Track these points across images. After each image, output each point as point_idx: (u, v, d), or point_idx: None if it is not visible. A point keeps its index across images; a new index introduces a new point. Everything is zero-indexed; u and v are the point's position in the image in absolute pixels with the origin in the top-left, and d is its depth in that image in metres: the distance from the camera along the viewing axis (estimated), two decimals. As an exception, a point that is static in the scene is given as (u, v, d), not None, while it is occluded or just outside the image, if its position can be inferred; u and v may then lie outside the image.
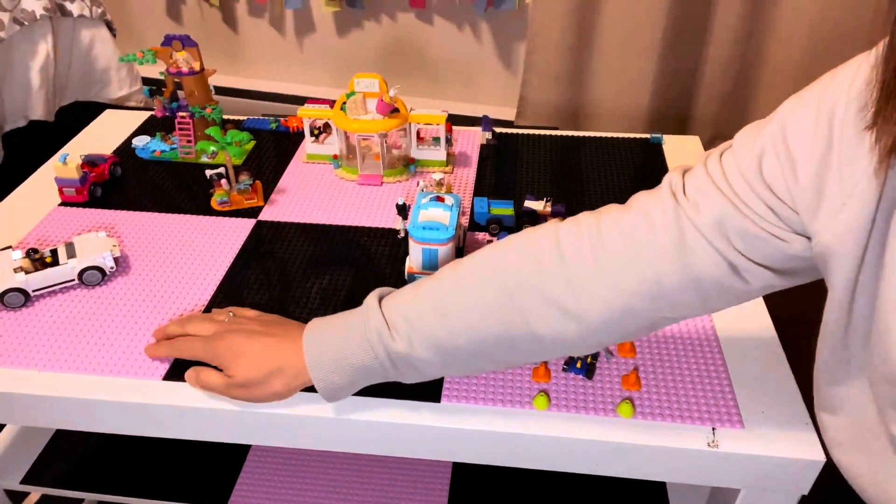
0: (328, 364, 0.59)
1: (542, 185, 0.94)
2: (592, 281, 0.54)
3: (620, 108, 1.66)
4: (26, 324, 0.71)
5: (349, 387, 0.60)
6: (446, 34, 1.76)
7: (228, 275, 0.78)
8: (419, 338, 0.57)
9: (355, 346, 0.58)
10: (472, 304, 0.57)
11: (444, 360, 0.58)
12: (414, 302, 0.59)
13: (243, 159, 1.00)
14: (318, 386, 0.60)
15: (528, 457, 0.63)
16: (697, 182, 0.53)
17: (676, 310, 0.55)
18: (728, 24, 1.52)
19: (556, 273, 0.55)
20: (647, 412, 0.62)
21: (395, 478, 0.84)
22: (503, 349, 0.57)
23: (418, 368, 0.59)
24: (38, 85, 1.37)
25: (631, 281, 0.53)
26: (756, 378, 0.65)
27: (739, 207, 0.50)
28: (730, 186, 0.51)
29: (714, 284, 0.52)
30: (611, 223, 0.55)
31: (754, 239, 0.50)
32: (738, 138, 0.53)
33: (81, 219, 0.87)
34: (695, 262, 0.51)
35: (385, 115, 0.91)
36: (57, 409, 0.66)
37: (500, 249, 0.59)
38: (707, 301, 0.54)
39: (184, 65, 0.96)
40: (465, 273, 0.59)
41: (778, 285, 0.53)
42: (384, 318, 0.58)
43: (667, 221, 0.53)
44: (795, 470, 0.59)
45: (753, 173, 0.50)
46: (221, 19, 1.88)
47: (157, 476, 0.86)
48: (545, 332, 0.55)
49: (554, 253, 0.55)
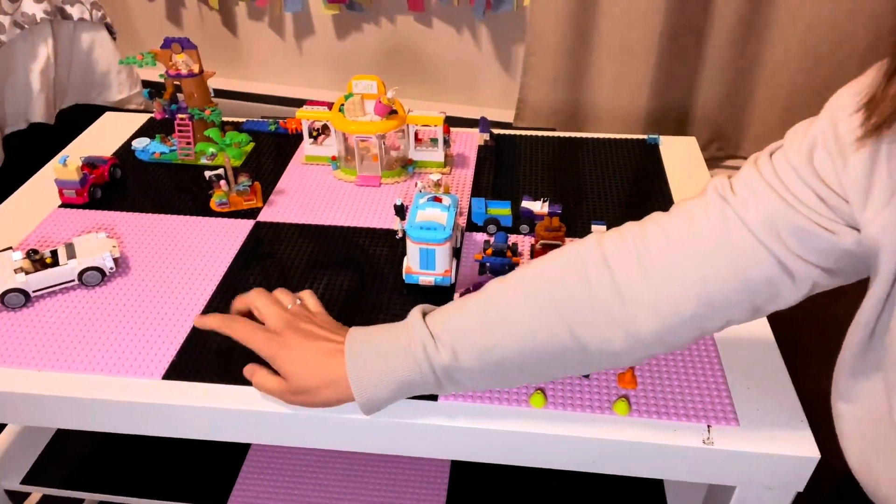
0: (371, 379, 0.58)
1: (539, 186, 0.95)
2: (640, 289, 0.53)
3: (618, 109, 1.67)
4: (27, 324, 0.71)
5: (390, 400, 0.59)
6: (445, 37, 1.77)
7: (227, 275, 0.78)
8: (464, 351, 0.56)
9: (399, 360, 0.57)
10: (518, 317, 0.56)
11: (488, 374, 0.57)
12: (459, 316, 0.58)
13: (242, 161, 1.01)
14: (360, 402, 0.58)
15: (525, 455, 0.64)
16: (747, 180, 0.52)
17: (724, 314, 0.53)
18: (725, 26, 1.53)
19: (602, 283, 0.54)
20: (642, 410, 0.62)
21: (393, 476, 0.84)
22: (549, 362, 0.56)
23: (460, 382, 0.58)
24: (38, 88, 1.38)
25: (678, 286, 0.52)
26: (751, 375, 0.66)
27: (790, 202, 0.49)
28: (780, 181, 0.50)
29: (762, 284, 0.51)
30: (655, 229, 0.54)
31: (805, 234, 0.49)
32: (789, 135, 0.52)
33: (81, 220, 0.88)
34: (742, 261, 0.51)
35: (383, 117, 0.92)
36: (57, 409, 0.66)
37: (546, 263, 0.58)
38: (755, 303, 0.53)
39: (183, 67, 0.97)
40: (510, 287, 0.58)
41: (824, 285, 0.52)
42: (429, 331, 0.57)
43: (711, 220, 0.52)
44: (791, 467, 0.59)
45: (804, 165, 0.49)
46: (221, 22, 1.89)
47: (158, 476, 0.86)
48: (592, 344, 0.54)
49: (600, 263, 0.54)
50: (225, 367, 0.67)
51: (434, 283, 0.75)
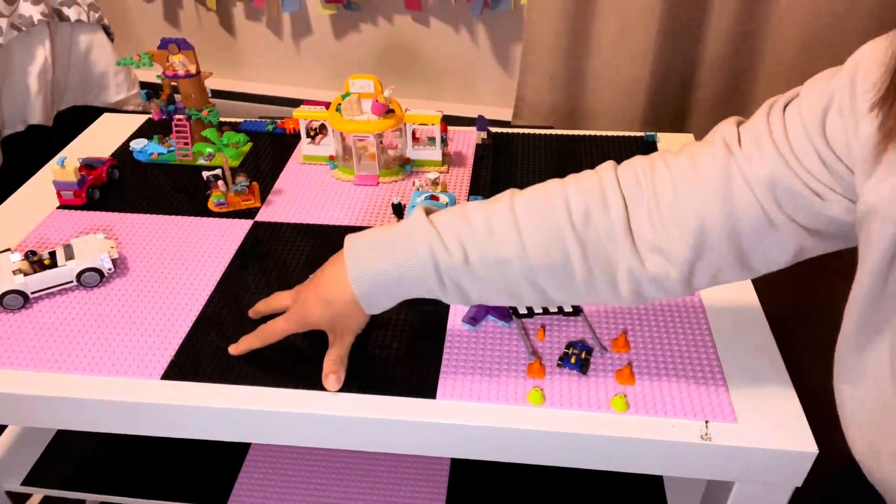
0: (373, 277, 0.58)
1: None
2: (646, 229, 0.55)
3: (616, 107, 1.66)
4: (25, 325, 0.72)
5: (388, 296, 0.60)
6: (443, 36, 1.77)
7: (226, 276, 0.79)
8: (474, 257, 0.57)
9: (403, 258, 0.58)
10: (534, 232, 0.57)
11: (494, 284, 0.58)
12: (471, 223, 0.58)
13: (240, 161, 1.01)
14: (360, 295, 0.59)
15: (524, 452, 0.64)
16: (755, 135, 0.53)
17: (716, 260, 0.55)
18: (722, 22, 1.53)
19: (619, 218, 0.56)
20: (640, 406, 0.62)
21: (393, 474, 0.84)
22: (555, 276, 0.57)
23: (463, 289, 0.58)
24: (36, 90, 1.37)
25: (680, 228, 0.54)
26: (749, 371, 0.66)
27: (792, 165, 0.50)
28: (787, 143, 0.51)
29: (750, 234, 0.53)
30: (665, 175, 0.56)
31: (797, 196, 0.50)
32: (806, 88, 0.52)
33: (79, 221, 0.88)
34: (736, 211, 0.52)
35: (380, 116, 0.92)
36: (56, 410, 0.66)
37: (565, 184, 0.59)
38: (742, 255, 0.54)
39: (180, 68, 0.97)
40: (529, 201, 0.58)
41: (810, 247, 0.54)
42: (437, 232, 0.57)
43: (716, 168, 0.53)
44: (789, 462, 0.60)
45: (816, 125, 0.49)
46: (219, 23, 1.89)
47: (158, 476, 0.86)
48: (599, 270, 0.56)
49: (618, 199, 0.56)
50: (224, 366, 0.67)
51: (432, 282, 0.75)
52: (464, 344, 0.69)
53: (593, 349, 0.68)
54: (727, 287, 0.74)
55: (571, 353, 0.67)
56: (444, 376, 0.66)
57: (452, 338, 0.70)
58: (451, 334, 0.70)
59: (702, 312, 0.72)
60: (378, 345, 0.69)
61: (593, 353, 0.68)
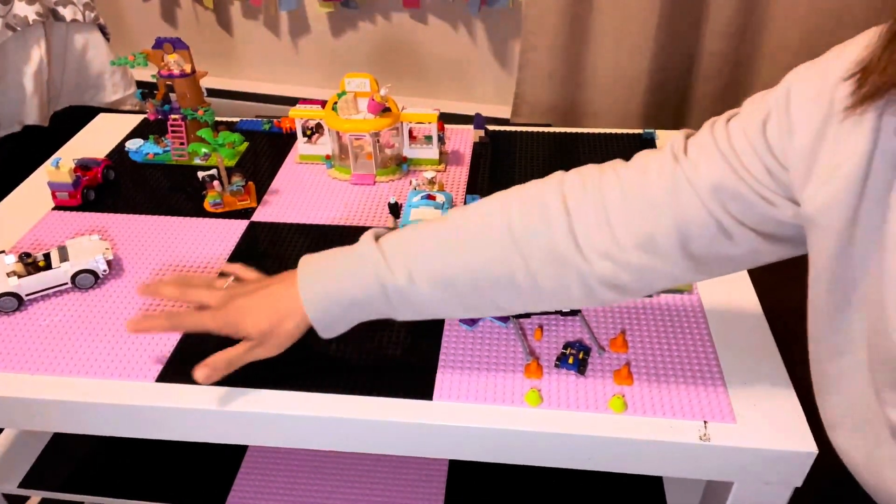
0: (324, 300, 0.59)
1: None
2: (594, 236, 0.55)
3: (615, 104, 1.66)
4: (20, 328, 0.71)
5: (346, 321, 0.61)
6: (441, 33, 1.76)
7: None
8: (420, 273, 0.58)
9: (350, 280, 0.59)
10: (476, 244, 0.58)
11: (444, 298, 0.58)
12: (415, 239, 0.60)
13: (236, 161, 1.01)
14: (314, 320, 0.60)
15: (521, 453, 0.63)
16: (701, 144, 0.54)
17: (667, 266, 0.55)
18: (721, 18, 1.52)
19: (560, 228, 0.56)
20: (638, 407, 0.62)
21: (391, 476, 0.84)
22: (503, 292, 0.58)
23: (415, 305, 0.59)
24: (32, 90, 1.37)
25: (628, 236, 0.55)
26: (748, 371, 0.65)
27: (738, 171, 0.51)
28: (732, 149, 0.52)
29: (702, 243, 0.53)
30: (613, 180, 0.56)
31: (746, 202, 0.51)
32: (746, 104, 0.54)
33: (75, 222, 0.88)
34: (685, 219, 0.53)
35: (376, 115, 0.91)
36: (51, 413, 0.66)
37: (508, 198, 0.60)
38: (698, 263, 0.55)
39: (175, 67, 0.96)
40: (471, 216, 0.60)
41: (765, 251, 0.54)
42: (381, 251, 0.59)
43: (663, 177, 0.54)
44: (788, 462, 0.59)
45: (757, 134, 0.51)
46: (216, 22, 1.88)
47: (155, 478, 0.86)
48: (546, 279, 0.57)
49: (560, 207, 0.56)
50: (219, 368, 0.66)
51: (429, 282, 0.74)
52: (461, 345, 0.69)
53: (591, 349, 0.67)
54: (726, 287, 0.74)
55: (569, 354, 0.66)
56: (441, 377, 0.65)
57: (449, 338, 0.69)
58: (448, 335, 0.70)
59: (700, 312, 0.72)
60: (374, 346, 0.69)
61: (591, 354, 0.67)
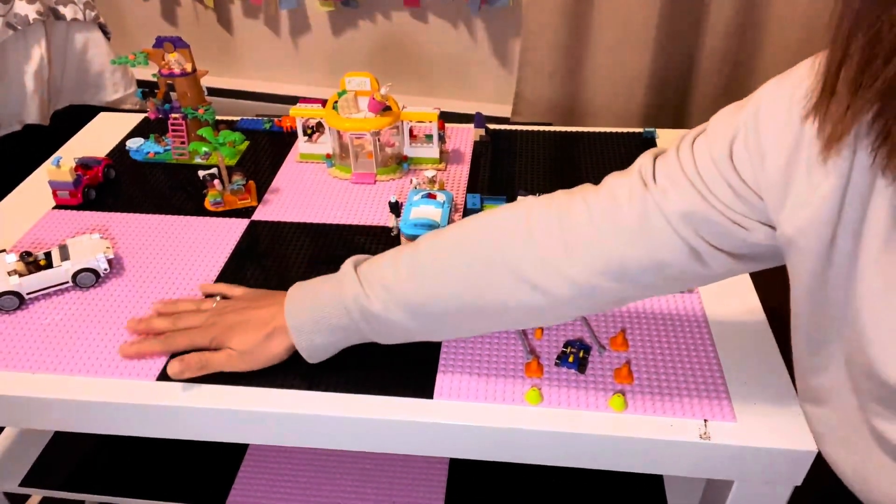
0: (308, 326, 0.62)
1: (535, 181, 0.94)
2: (560, 261, 0.56)
3: (616, 103, 1.66)
4: (21, 327, 0.71)
5: (330, 346, 0.64)
6: (441, 32, 1.76)
7: (222, 275, 0.78)
8: (393, 300, 0.60)
9: (332, 309, 0.62)
10: (445, 271, 0.59)
11: (418, 323, 0.61)
12: (390, 266, 0.62)
13: (237, 160, 1.01)
14: (300, 346, 0.63)
15: (521, 452, 0.63)
16: (668, 170, 0.54)
17: (640, 289, 0.57)
18: (722, 18, 1.52)
19: (526, 252, 0.57)
20: (639, 406, 0.62)
21: (392, 474, 0.84)
22: (474, 316, 0.60)
23: (392, 330, 0.62)
24: (32, 89, 1.37)
25: (596, 262, 0.55)
26: (748, 370, 0.65)
27: (707, 197, 0.51)
28: (699, 175, 0.51)
29: (676, 268, 0.54)
30: (581, 206, 0.57)
31: (718, 227, 0.51)
32: (713, 122, 0.53)
33: (75, 221, 0.88)
34: (658, 246, 0.53)
35: (377, 114, 0.91)
36: (52, 411, 0.66)
37: (478, 223, 0.61)
38: (668, 282, 0.56)
39: (176, 66, 0.96)
40: (442, 242, 0.61)
41: (740, 270, 0.55)
42: (359, 282, 0.61)
43: (633, 206, 0.54)
44: (788, 461, 0.59)
45: (723, 158, 0.50)
46: (216, 21, 1.88)
47: (156, 476, 0.86)
48: (514, 304, 0.58)
49: (525, 232, 0.57)
50: (220, 367, 0.67)
51: (429, 281, 0.74)
52: (461, 343, 0.69)
53: (591, 348, 0.68)
54: (726, 285, 0.74)
55: (569, 352, 0.66)
56: (442, 376, 0.65)
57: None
58: (449, 334, 0.70)
59: (701, 311, 0.72)
60: (374, 345, 0.69)
61: (591, 352, 0.67)
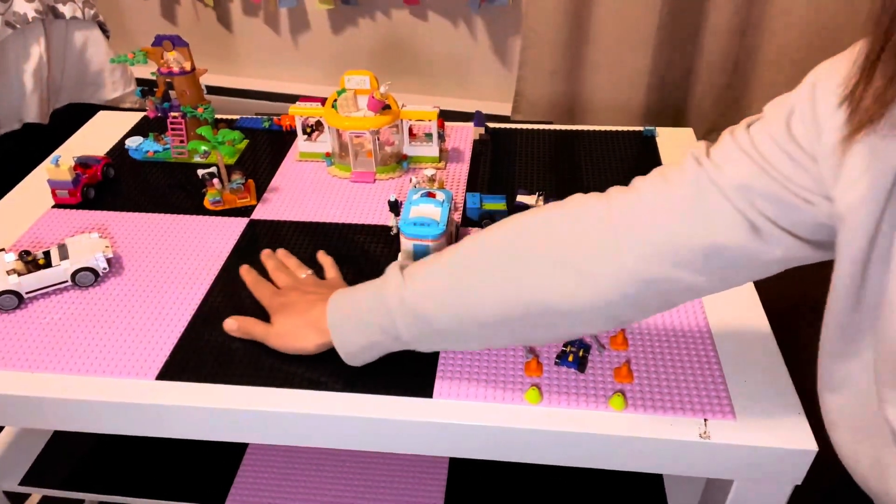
0: (346, 324, 0.62)
1: (535, 180, 0.94)
2: (608, 244, 0.53)
3: (616, 102, 1.66)
4: (20, 326, 0.71)
5: (367, 349, 0.63)
6: (441, 30, 1.76)
7: (221, 274, 0.78)
8: (433, 300, 0.58)
9: (372, 307, 0.61)
10: (489, 264, 0.58)
11: (457, 326, 0.59)
12: (433, 267, 0.60)
13: (236, 158, 1.00)
14: (336, 344, 0.63)
15: (521, 451, 0.63)
16: (723, 148, 0.52)
17: (694, 277, 0.52)
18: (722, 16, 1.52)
19: (571, 238, 0.55)
20: (638, 404, 0.62)
21: (391, 474, 0.84)
22: (514, 315, 0.57)
23: (431, 333, 0.60)
24: (31, 88, 1.37)
25: (647, 243, 0.52)
26: (748, 369, 0.65)
27: (767, 170, 0.49)
28: (757, 150, 0.50)
29: (734, 249, 0.50)
30: (630, 192, 0.55)
31: (780, 202, 0.49)
32: (768, 107, 0.52)
33: (74, 220, 0.88)
34: (714, 223, 0.50)
35: (376, 112, 0.91)
36: (52, 411, 0.66)
37: (524, 217, 0.59)
38: (725, 270, 0.52)
39: (174, 65, 0.96)
40: (487, 236, 0.60)
41: (799, 257, 0.52)
42: (403, 281, 0.60)
43: (686, 184, 0.52)
44: (788, 460, 0.59)
45: (782, 133, 0.49)
46: (216, 19, 1.88)
47: (156, 475, 0.86)
48: (559, 299, 0.54)
49: (572, 220, 0.55)
50: (219, 366, 0.66)
51: (429, 280, 0.74)
52: (461, 342, 0.68)
53: (591, 347, 0.67)
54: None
55: (569, 351, 0.66)
56: (441, 375, 0.65)
57: (449, 336, 0.69)
58: (448, 332, 0.70)
59: (700, 310, 0.72)
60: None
61: (591, 351, 0.67)
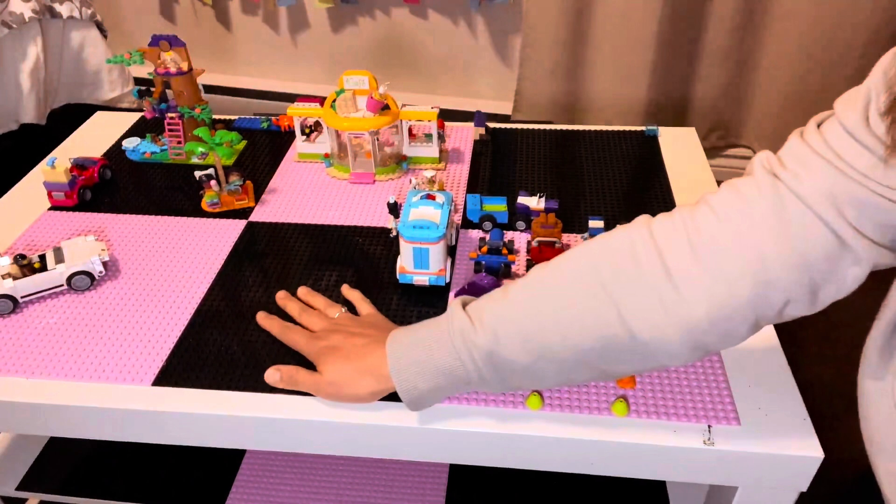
0: (410, 367, 0.57)
1: (536, 180, 0.93)
2: (690, 270, 0.50)
3: (617, 100, 1.65)
4: (15, 331, 0.70)
5: (433, 393, 0.57)
6: (441, 29, 1.75)
7: (219, 277, 0.77)
8: (507, 335, 0.54)
9: (438, 347, 0.56)
10: (563, 300, 0.53)
11: (532, 360, 0.54)
12: (501, 300, 0.56)
13: (234, 160, 1.00)
14: (401, 391, 0.57)
15: (523, 457, 0.62)
16: (795, 153, 0.49)
17: (781, 296, 0.49)
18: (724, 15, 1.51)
19: (651, 264, 0.51)
20: (642, 410, 0.61)
21: (391, 480, 0.83)
22: (597, 351, 0.53)
23: (503, 370, 0.55)
24: (28, 88, 1.36)
25: (732, 266, 0.49)
26: (753, 374, 0.64)
27: (846, 171, 0.46)
28: (833, 151, 0.47)
29: (822, 261, 0.48)
30: (704, 208, 0.51)
31: (864, 205, 0.46)
32: (838, 102, 0.49)
33: (71, 223, 0.87)
34: (801, 237, 0.47)
35: (375, 113, 0.90)
36: (47, 417, 0.65)
37: (592, 245, 0.55)
38: (814, 284, 0.49)
39: (171, 65, 0.95)
40: (555, 268, 0.55)
41: (885, 263, 0.49)
42: (468, 316, 0.55)
43: (765, 198, 0.48)
44: (793, 467, 0.58)
45: (859, 124, 0.46)
46: (215, 18, 1.87)
47: (154, 480, 0.85)
48: (641, 331, 0.51)
49: (648, 243, 0.51)
50: (216, 372, 0.66)
51: (428, 283, 0.73)
52: (461, 347, 0.68)
53: (593, 351, 0.66)
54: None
55: (571, 356, 0.65)
56: (441, 380, 0.64)
57: (449, 340, 0.68)
58: (449, 337, 0.69)
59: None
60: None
61: (593, 356, 0.66)
